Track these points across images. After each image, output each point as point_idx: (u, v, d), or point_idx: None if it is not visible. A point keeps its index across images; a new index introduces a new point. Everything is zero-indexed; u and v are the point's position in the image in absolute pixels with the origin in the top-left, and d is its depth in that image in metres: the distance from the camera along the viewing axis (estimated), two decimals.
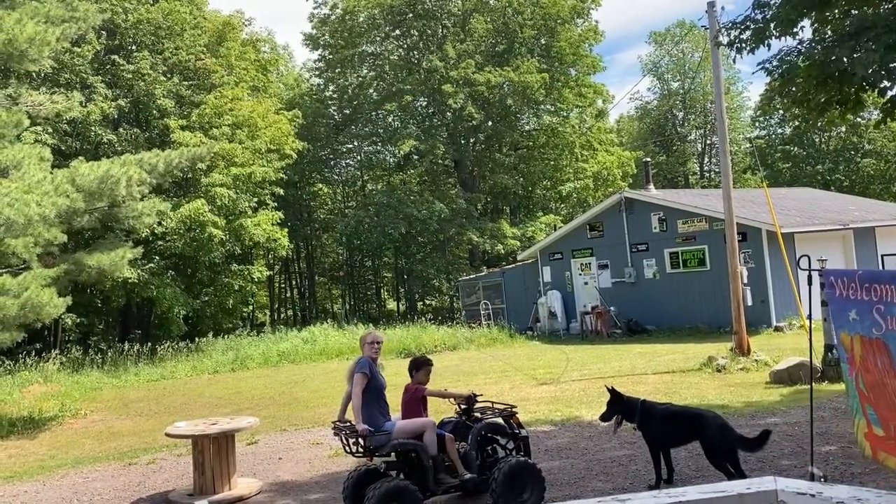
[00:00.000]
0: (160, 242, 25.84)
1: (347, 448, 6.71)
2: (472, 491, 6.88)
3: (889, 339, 4.29)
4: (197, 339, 24.28)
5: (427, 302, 38.64)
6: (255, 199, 28.27)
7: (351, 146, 39.51)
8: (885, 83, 7.80)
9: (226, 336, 25.03)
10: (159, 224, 23.64)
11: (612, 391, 7.31)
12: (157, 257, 26.10)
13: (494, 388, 13.56)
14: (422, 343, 21.20)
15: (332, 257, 43.24)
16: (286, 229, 29.87)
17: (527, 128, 37.52)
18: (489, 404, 7.30)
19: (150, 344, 23.67)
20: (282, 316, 40.55)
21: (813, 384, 7.52)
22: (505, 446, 7.13)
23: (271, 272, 36.23)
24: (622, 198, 22.88)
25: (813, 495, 2.05)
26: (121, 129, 27.27)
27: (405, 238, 34.49)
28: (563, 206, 37.86)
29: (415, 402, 6.88)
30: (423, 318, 26.71)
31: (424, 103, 36.98)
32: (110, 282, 22.27)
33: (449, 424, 7.06)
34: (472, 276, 28.97)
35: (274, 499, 7.86)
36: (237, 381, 18.40)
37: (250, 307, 33.44)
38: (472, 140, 36.36)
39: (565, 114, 36.36)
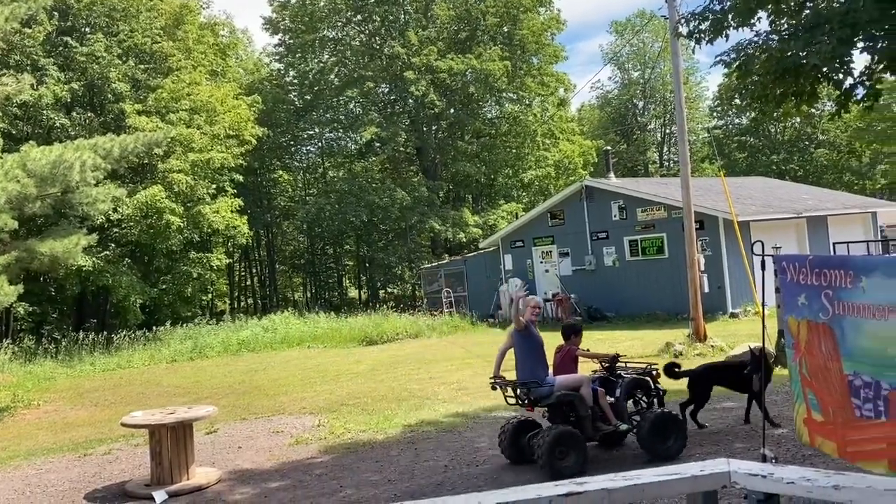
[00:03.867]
0: (116, 229, 25.34)
1: (511, 399, 7.49)
2: (616, 440, 7.74)
3: (835, 323, 4.39)
4: (155, 327, 23.84)
5: (389, 290, 38.55)
6: (214, 186, 27.86)
7: (312, 133, 39.08)
8: (840, 75, 7.97)
9: (184, 325, 24.61)
10: (115, 210, 23.17)
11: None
12: (112, 244, 25.59)
13: (457, 375, 13.62)
14: (383, 331, 21.15)
15: (292, 245, 42.85)
16: (246, 216, 29.51)
17: (489, 116, 37.55)
18: (625, 363, 8.11)
19: (105, 333, 23.21)
20: (242, 304, 40.08)
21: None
22: (641, 399, 7.83)
23: (231, 260, 35.81)
24: (583, 186, 23.09)
25: (764, 476, 2.10)
26: (74, 113, 26.58)
27: (367, 226, 34.34)
28: (524, 194, 38.02)
29: (568, 360, 7.77)
30: (385, 307, 26.64)
31: (386, 90, 36.75)
32: (64, 269, 21.75)
33: (596, 381, 7.74)
34: (434, 264, 28.98)
35: (233, 487, 7.79)
36: (196, 370, 18.18)
37: (209, 295, 32.98)
38: (434, 128, 36.27)
39: (527, 102, 36.47)
